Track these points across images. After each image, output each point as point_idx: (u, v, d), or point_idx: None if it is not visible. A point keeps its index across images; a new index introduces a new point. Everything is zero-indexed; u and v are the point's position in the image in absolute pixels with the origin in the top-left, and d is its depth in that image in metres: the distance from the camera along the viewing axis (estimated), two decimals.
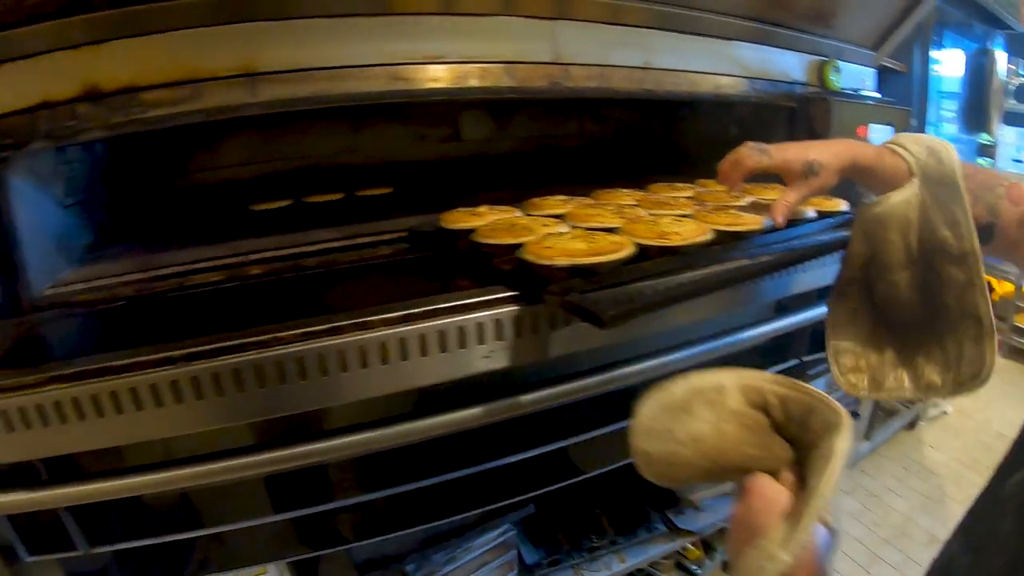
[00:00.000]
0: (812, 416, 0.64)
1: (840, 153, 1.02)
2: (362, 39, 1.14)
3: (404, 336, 0.85)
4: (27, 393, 0.78)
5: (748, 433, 0.68)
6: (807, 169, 1.02)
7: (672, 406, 0.71)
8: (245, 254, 1.21)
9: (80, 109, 1.04)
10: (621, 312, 0.78)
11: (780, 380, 0.70)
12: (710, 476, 0.71)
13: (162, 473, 0.93)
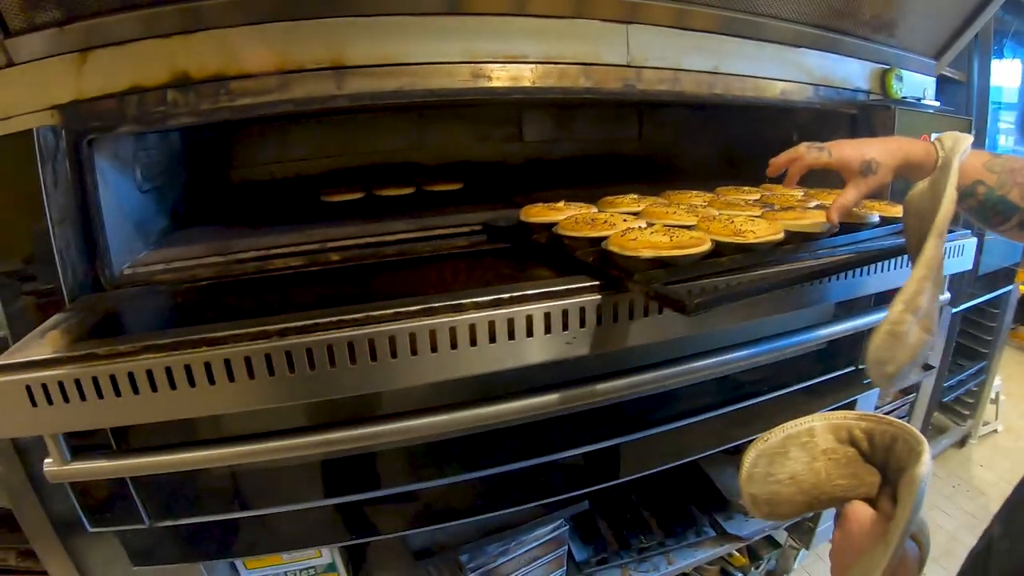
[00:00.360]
0: (896, 444, 0.73)
1: (894, 151, 1.06)
2: (444, 37, 1.17)
3: (494, 319, 0.87)
4: (121, 361, 0.80)
5: (839, 467, 0.78)
6: (865, 168, 1.05)
7: (769, 452, 0.81)
8: (323, 241, 1.25)
9: (170, 95, 1.08)
10: (705, 301, 0.81)
11: (864, 415, 0.79)
12: (811, 508, 0.80)
13: (227, 448, 0.96)
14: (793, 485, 0.79)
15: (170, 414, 0.85)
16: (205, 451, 0.96)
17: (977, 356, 3.21)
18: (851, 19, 1.66)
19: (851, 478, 0.78)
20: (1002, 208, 0.97)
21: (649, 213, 1.20)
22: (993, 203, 0.98)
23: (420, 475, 1.22)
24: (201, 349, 0.82)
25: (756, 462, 0.81)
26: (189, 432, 1.08)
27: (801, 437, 0.81)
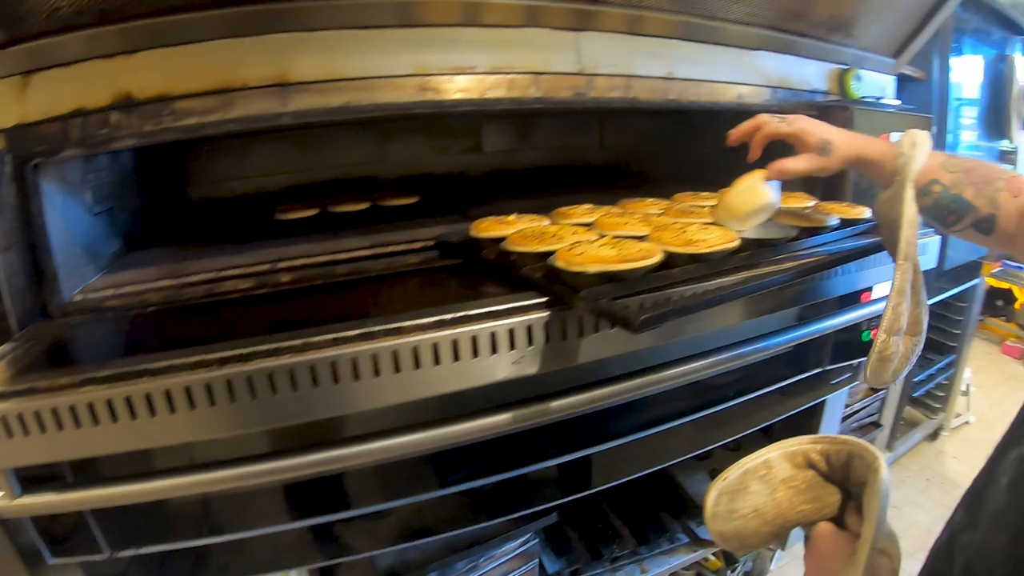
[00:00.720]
0: (853, 461, 0.76)
1: (852, 142, 1.09)
2: (392, 50, 1.15)
3: (437, 341, 0.86)
4: (62, 394, 0.79)
5: (800, 493, 0.80)
6: (821, 146, 1.07)
7: (730, 490, 0.83)
8: (274, 262, 1.22)
9: (113, 117, 1.05)
10: (652, 316, 0.80)
11: (817, 438, 0.83)
12: (779, 536, 0.82)
13: (186, 477, 0.94)
14: (757, 518, 0.81)
15: (115, 447, 0.84)
16: (161, 481, 0.94)
17: (946, 350, 3.24)
18: (807, 20, 1.65)
19: (814, 502, 0.79)
20: (956, 207, 0.98)
21: (601, 224, 1.18)
22: (948, 202, 0.99)
23: (386, 495, 1.20)
24: (142, 380, 0.81)
25: (718, 501, 0.82)
26: (149, 460, 1.05)
27: (759, 471, 0.83)
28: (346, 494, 1.19)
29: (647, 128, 2.36)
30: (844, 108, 1.69)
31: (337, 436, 0.99)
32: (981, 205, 0.95)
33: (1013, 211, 0.93)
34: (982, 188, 0.96)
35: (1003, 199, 0.94)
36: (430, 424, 1.00)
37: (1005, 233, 0.95)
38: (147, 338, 1.03)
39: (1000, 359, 4.50)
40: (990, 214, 0.95)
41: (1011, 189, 0.94)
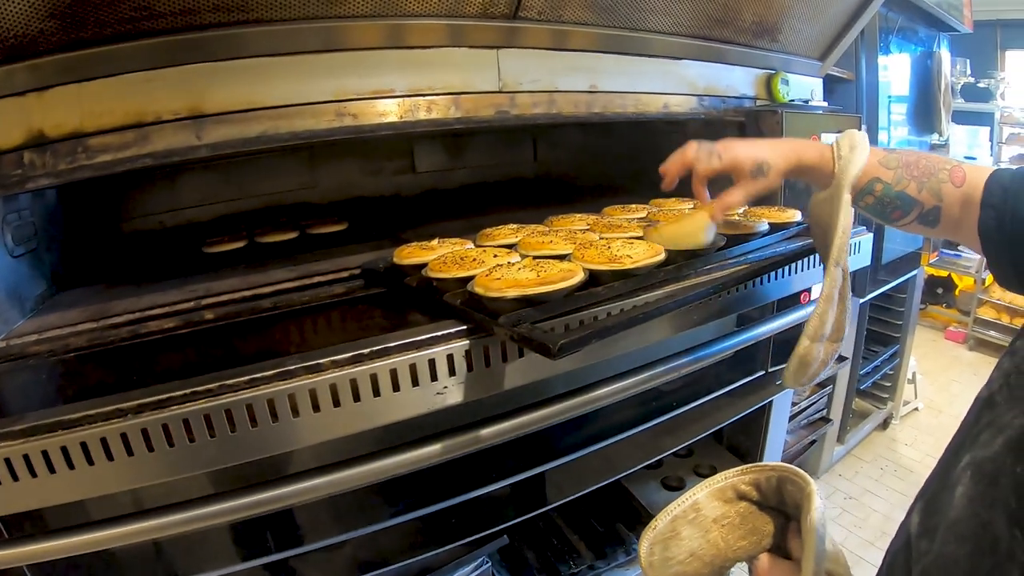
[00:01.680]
0: (785, 485, 0.76)
1: (787, 154, 1.06)
2: (310, 76, 1.14)
3: (355, 377, 0.84)
4: None
5: (735, 529, 0.80)
6: (756, 169, 1.05)
7: (661, 538, 0.82)
8: (199, 299, 1.19)
9: (27, 157, 1.01)
10: (571, 341, 0.79)
11: (744, 469, 0.83)
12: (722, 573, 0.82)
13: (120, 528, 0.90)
14: (696, 561, 0.80)
15: (37, 502, 0.82)
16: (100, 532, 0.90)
17: (889, 341, 3.32)
18: (731, 27, 1.68)
19: (751, 535, 0.80)
20: (901, 203, 0.98)
21: (524, 244, 1.18)
22: (891, 199, 0.99)
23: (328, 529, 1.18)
24: (56, 434, 0.78)
25: (652, 550, 0.82)
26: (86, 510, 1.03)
27: (688, 515, 0.82)
28: (286, 533, 1.17)
29: (579, 141, 2.37)
30: (773, 112, 1.71)
31: (268, 476, 0.97)
32: (925, 199, 0.96)
33: (957, 200, 0.93)
34: (924, 181, 0.95)
35: (947, 190, 0.94)
36: (361, 459, 0.98)
37: (951, 221, 0.95)
38: (67, 385, 0.98)
39: (944, 344, 4.65)
40: (935, 206, 0.95)
41: (954, 180, 0.93)
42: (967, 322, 4.56)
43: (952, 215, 0.94)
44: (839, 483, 3.04)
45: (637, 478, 1.97)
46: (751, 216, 1.37)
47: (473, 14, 1.24)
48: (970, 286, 4.61)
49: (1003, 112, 4.81)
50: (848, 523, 2.76)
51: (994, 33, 4.97)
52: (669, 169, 1.13)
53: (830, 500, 2.91)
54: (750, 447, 2.06)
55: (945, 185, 0.94)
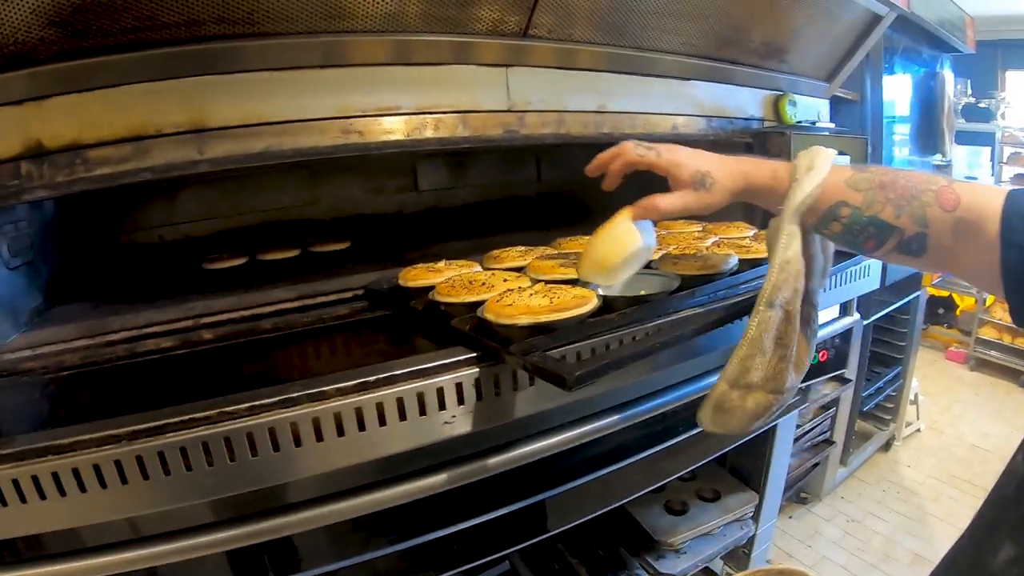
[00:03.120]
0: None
1: (735, 175, 0.94)
2: (315, 92, 1.12)
3: (360, 405, 0.81)
4: None
5: None
6: (697, 180, 0.93)
7: None
8: (197, 317, 1.17)
9: (23, 168, 0.99)
10: (587, 372, 0.76)
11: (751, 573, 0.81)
12: None
13: (116, 555, 0.87)
14: None
15: (25, 529, 0.80)
16: (91, 560, 0.87)
17: (892, 362, 3.30)
18: (740, 48, 1.67)
19: None
20: (875, 231, 0.82)
21: (534, 268, 1.15)
22: (862, 226, 0.83)
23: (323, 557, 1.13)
24: (47, 459, 0.74)
25: None
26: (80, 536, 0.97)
27: None
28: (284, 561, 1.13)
29: (583, 160, 2.31)
30: (781, 134, 1.70)
31: (267, 504, 0.93)
32: (905, 225, 0.80)
33: (948, 226, 0.77)
34: (904, 205, 0.80)
35: (934, 215, 0.78)
36: (364, 489, 0.95)
37: (942, 252, 0.80)
38: (61, 406, 0.95)
39: (945, 365, 4.63)
40: (918, 233, 0.80)
41: (943, 203, 0.77)
42: (968, 342, 4.54)
43: (943, 244, 0.79)
44: (841, 505, 3.01)
45: (640, 501, 1.93)
46: (761, 240, 1.34)
47: (483, 31, 1.23)
48: (971, 306, 4.60)
49: (1004, 132, 4.81)
50: (851, 546, 2.73)
51: (995, 53, 4.98)
52: (600, 158, 1.04)
53: (832, 523, 2.88)
54: (753, 471, 2.03)
55: (931, 209, 0.78)
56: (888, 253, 0.84)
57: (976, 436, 3.56)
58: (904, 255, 0.83)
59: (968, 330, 4.58)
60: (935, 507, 2.91)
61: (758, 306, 0.88)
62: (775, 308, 0.87)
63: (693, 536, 1.86)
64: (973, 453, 3.38)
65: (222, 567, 1.11)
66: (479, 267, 1.22)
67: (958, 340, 4.75)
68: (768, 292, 0.87)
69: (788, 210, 0.86)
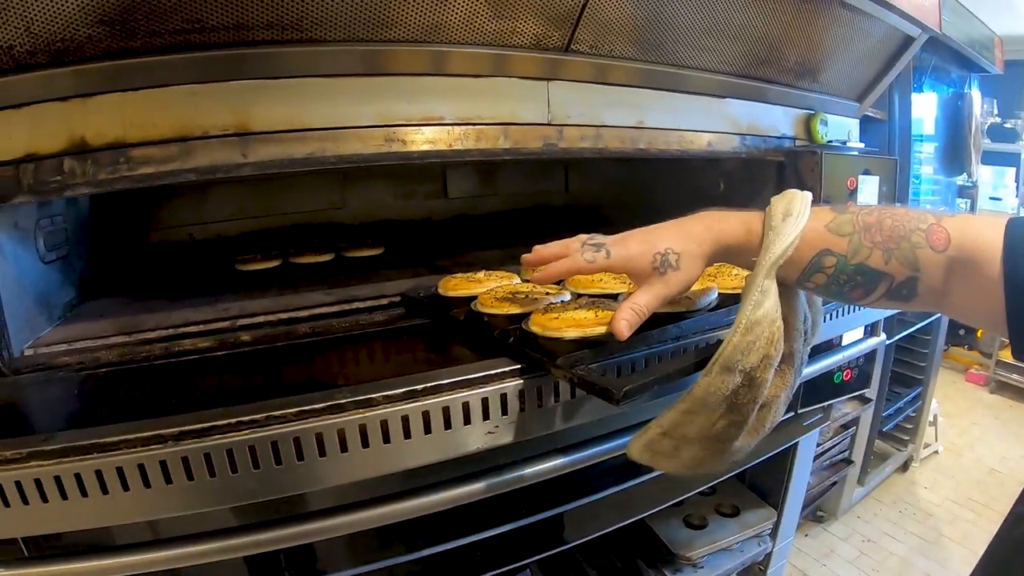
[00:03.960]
0: None
1: (701, 237, 0.83)
2: (358, 100, 1.12)
3: (407, 413, 0.81)
4: (6, 469, 0.73)
5: None
6: (661, 263, 0.82)
7: None
8: (234, 318, 1.18)
9: (67, 164, 0.99)
10: (636, 387, 0.75)
11: None
12: None
13: (149, 554, 0.88)
14: None
15: (64, 526, 0.79)
16: (122, 558, 0.87)
17: (913, 382, 3.28)
18: (775, 66, 1.67)
19: None
20: (862, 279, 0.76)
21: (575, 282, 1.15)
22: (848, 276, 0.76)
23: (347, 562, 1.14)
24: (91, 456, 0.75)
25: None
26: (109, 533, 0.98)
27: None
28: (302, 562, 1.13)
29: (611, 173, 2.36)
30: (813, 153, 1.70)
31: (299, 510, 0.94)
32: (895, 270, 0.74)
33: (940, 269, 0.72)
34: (893, 249, 0.73)
35: (925, 257, 0.72)
36: (398, 497, 0.95)
37: (932, 293, 0.74)
38: (100, 403, 0.95)
39: (964, 387, 4.60)
40: (909, 278, 0.74)
41: (934, 243, 0.71)
42: (989, 364, 4.51)
43: (933, 286, 0.73)
44: (857, 525, 2.99)
45: (659, 514, 1.93)
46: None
47: (526, 45, 1.23)
48: None
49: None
50: (866, 566, 2.72)
51: (1021, 73, 4.95)
52: (543, 253, 0.90)
53: (848, 543, 2.87)
54: (773, 487, 2.02)
55: (922, 251, 0.72)
56: (876, 300, 0.78)
57: (995, 459, 3.54)
58: (893, 300, 0.77)
59: (989, 352, 4.55)
60: (951, 529, 2.89)
61: (711, 367, 0.76)
62: (733, 373, 0.75)
63: (711, 551, 1.85)
64: (991, 476, 3.36)
65: (240, 570, 1.11)
66: (518, 278, 1.22)
67: (978, 362, 4.72)
68: (726, 354, 0.76)
69: (763, 263, 0.77)
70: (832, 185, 1.70)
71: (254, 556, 1.09)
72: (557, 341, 0.87)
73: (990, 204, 4.60)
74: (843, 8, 1.60)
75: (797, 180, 1.71)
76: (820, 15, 1.60)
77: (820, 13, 1.59)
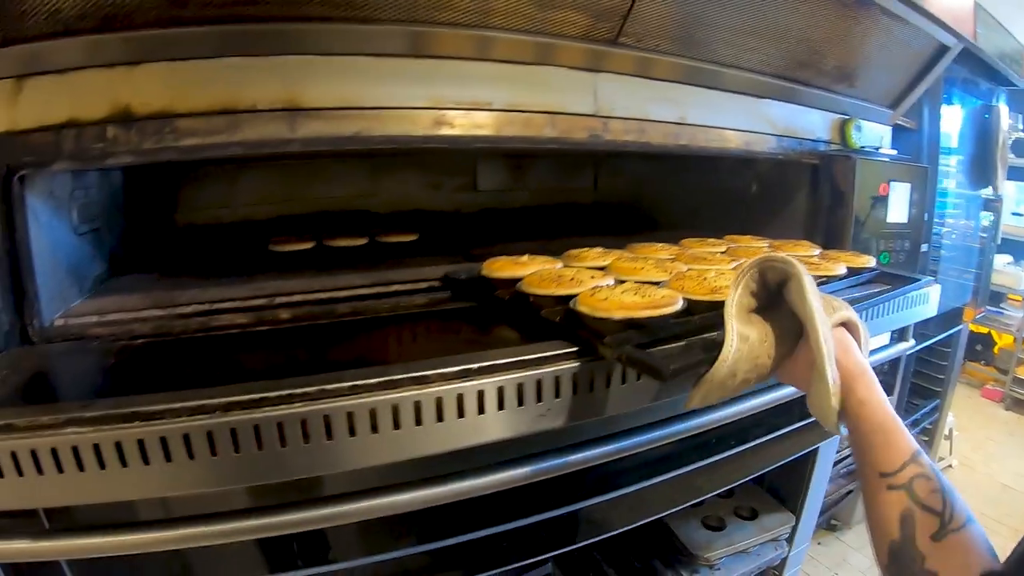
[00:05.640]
0: (766, 275, 0.79)
1: None
2: (408, 81, 1.12)
3: (462, 392, 0.80)
4: (43, 435, 0.71)
5: None
6: None
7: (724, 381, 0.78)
8: (271, 296, 1.17)
9: (110, 131, 0.99)
10: (682, 366, 0.77)
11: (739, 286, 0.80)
12: None
13: (176, 530, 0.86)
14: None
15: (100, 496, 0.76)
16: (146, 534, 0.85)
17: (930, 395, 3.26)
18: (814, 70, 1.67)
19: None
20: None
21: (617, 268, 1.16)
22: None
23: (375, 547, 1.13)
24: (133, 424, 0.72)
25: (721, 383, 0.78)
26: (133, 507, 0.95)
27: None
28: (330, 547, 1.12)
29: (639, 171, 2.36)
30: (847, 157, 1.70)
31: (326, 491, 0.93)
32: None
33: None
34: None
35: None
36: (440, 479, 0.94)
37: None
38: (136, 374, 0.94)
39: (980, 402, 4.58)
40: None
41: None
42: (1005, 381, 4.49)
43: None
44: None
45: (678, 515, 1.93)
46: (828, 259, 1.34)
47: (576, 35, 1.23)
48: (1010, 344, 4.55)
49: None
50: None
51: None
52: None
53: (861, 552, 2.84)
54: (791, 492, 2.02)
55: None
56: None
57: (1008, 476, 3.52)
58: None
59: (1005, 368, 4.53)
60: None
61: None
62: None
63: (728, 553, 1.85)
64: (1004, 493, 3.34)
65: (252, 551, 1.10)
66: (561, 264, 1.22)
67: (995, 378, 4.69)
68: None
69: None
70: (864, 190, 1.69)
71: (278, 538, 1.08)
72: (604, 321, 0.88)
73: (1012, 219, 4.58)
74: (884, 15, 1.60)
75: (830, 184, 1.70)
76: (861, 21, 1.59)
77: (861, 19, 1.59)
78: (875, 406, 0.76)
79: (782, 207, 1.80)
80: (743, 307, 0.80)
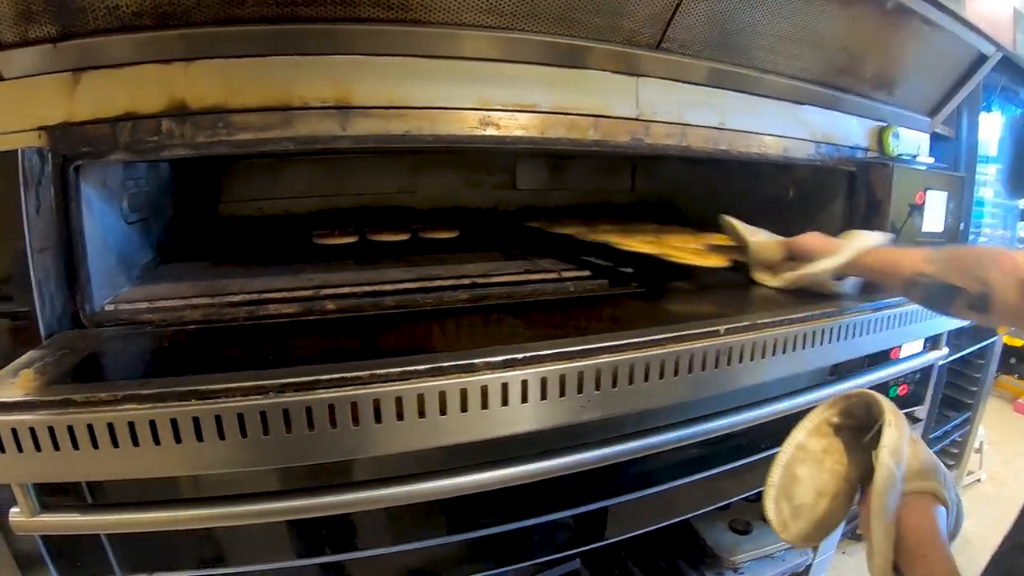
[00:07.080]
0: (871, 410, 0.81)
1: None
2: (457, 82, 1.15)
3: (507, 381, 0.83)
4: (100, 410, 0.74)
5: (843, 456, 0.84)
6: None
7: (783, 490, 0.84)
8: (317, 288, 1.20)
9: (165, 125, 1.02)
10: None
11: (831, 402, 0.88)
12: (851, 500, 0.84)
13: (207, 509, 0.89)
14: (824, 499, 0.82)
15: (152, 471, 0.79)
16: (186, 511, 0.89)
17: (962, 407, 3.21)
18: (853, 76, 1.67)
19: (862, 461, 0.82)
20: (946, 294, 0.97)
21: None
22: (937, 291, 0.99)
23: (403, 536, 1.16)
24: (190, 402, 0.75)
25: (779, 508, 0.83)
26: (170, 485, 1.00)
27: (797, 457, 0.85)
28: (360, 534, 1.15)
29: (676, 174, 2.37)
30: (884, 165, 1.69)
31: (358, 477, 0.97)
32: (970, 286, 0.93)
33: (1010, 285, 0.89)
34: (968, 272, 0.94)
35: (994, 277, 0.91)
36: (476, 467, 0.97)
37: (1007, 308, 0.91)
38: (188, 358, 0.98)
39: (1012, 417, 4.49)
40: (982, 293, 0.92)
41: (1002, 266, 0.90)
42: None
43: (1008, 299, 0.90)
44: None
45: (705, 518, 1.93)
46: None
47: (619, 40, 1.26)
48: None
49: None
50: None
51: None
52: None
53: None
54: None
55: (991, 272, 0.91)
56: (960, 311, 0.97)
57: None
58: (974, 311, 0.95)
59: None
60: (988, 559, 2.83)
61: None
62: None
63: (754, 557, 1.84)
64: None
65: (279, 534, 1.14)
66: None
67: None
68: None
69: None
70: (900, 198, 1.69)
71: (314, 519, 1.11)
72: None
73: None
74: (924, 23, 1.59)
75: (867, 191, 1.70)
76: (901, 29, 1.59)
77: (901, 27, 1.59)
78: None
79: (818, 213, 1.80)
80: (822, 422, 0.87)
